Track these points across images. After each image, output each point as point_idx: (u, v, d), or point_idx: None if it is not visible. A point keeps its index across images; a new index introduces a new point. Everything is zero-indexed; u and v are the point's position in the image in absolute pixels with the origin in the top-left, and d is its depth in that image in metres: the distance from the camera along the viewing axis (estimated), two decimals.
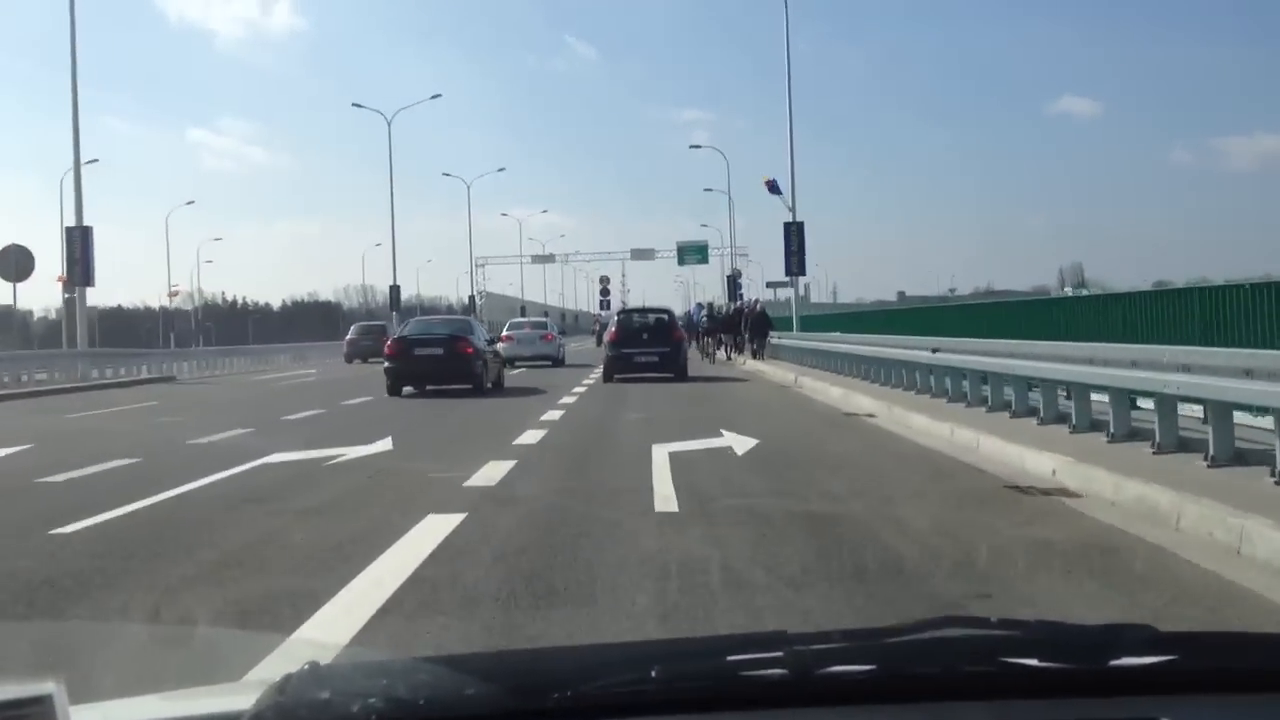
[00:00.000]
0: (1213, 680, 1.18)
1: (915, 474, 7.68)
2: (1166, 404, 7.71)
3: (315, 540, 5.51)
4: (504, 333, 28.82)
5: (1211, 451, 6.97)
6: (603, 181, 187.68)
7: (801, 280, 48.11)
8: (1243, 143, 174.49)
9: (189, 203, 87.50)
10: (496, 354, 20.54)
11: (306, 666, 1.23)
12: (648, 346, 20.89)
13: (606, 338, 22.91)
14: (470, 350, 18.25)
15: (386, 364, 18.46)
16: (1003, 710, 1.10)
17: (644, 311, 23.71)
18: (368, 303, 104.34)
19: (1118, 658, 1.18)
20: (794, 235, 31.72)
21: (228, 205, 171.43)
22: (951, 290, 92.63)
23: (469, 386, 17.90)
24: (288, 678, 1.20)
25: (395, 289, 50.63)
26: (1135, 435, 8.21)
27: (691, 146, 68.40)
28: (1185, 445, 7.58)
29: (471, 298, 70.12)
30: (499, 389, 18.98)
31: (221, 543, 5.50)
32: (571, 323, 66.03)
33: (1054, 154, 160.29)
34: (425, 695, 1.17)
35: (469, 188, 71.80)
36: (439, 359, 17.87)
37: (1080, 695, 1.14)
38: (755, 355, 27.91)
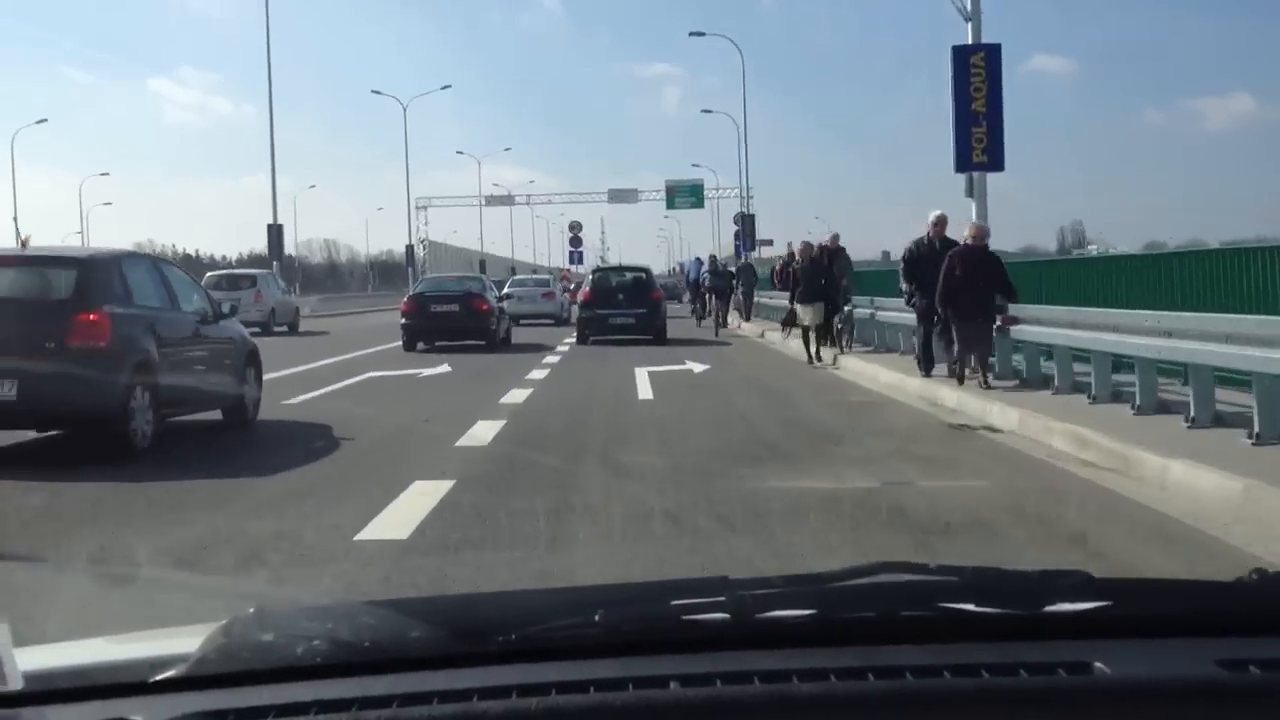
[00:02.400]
0: (1144, 625, 1.28)
1: None
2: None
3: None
4: (505, 290, 29.62)
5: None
6: (570, 137, 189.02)
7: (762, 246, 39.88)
8: (1216, 103, 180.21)
9: (40, 120, 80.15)
10: (504, 310, 21.92)
11: (252, 610, 1.31)
12: (624, 307, 20.94)
13: (580, 298, 22.77)
14: (486, 307, 19.95)
15: (403, 320, 19.72)
16: (939, 653, 1.17)
17: (620, 270, 24.02)
18: (332, 256, 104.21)
19: (1053, 603, 1.27)
20: (982, 79, 14.05)
21: (192, 158, 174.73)
22: None
23: (482, 342, 19.31)
24: (233, 621, 1.27)
25: (276, 230, 37.14)
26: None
27: (691, 34, 47.17)
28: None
29: (409, 248, 58.51)
30: (506, 344, 20.35)
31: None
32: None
33: (1027, 115, 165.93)
34: (369, 638, 1.24)
35: (405, 110, 58.39)
36: (455, 316, 19.44)
37: (1016, 639, 1.22)
38: (966, 370, 10.90)
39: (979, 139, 14.21)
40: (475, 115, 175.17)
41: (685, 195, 57.30)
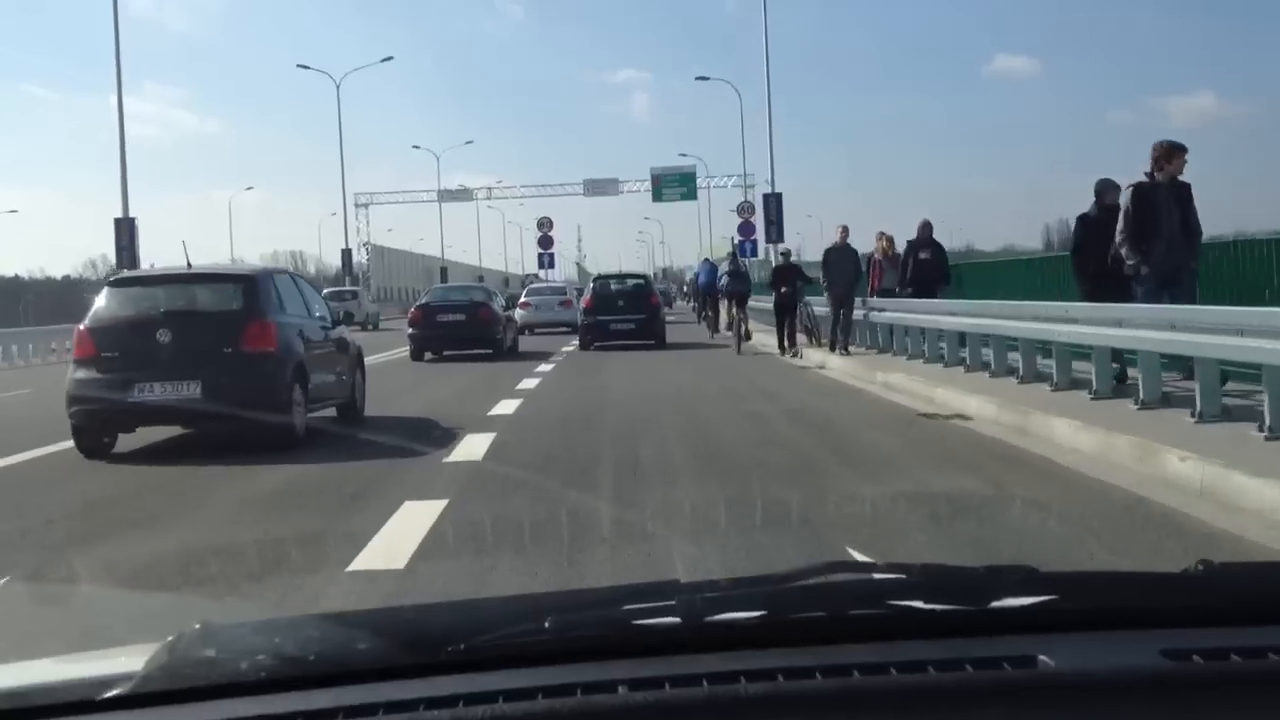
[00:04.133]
0: (1089, 618, 1.38)
1: None
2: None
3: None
4: (521, 299, 32.62)
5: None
6: (538, 141, 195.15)
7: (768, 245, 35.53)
8: (1181, 102, 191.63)
9: None
10: (511, 318, 24.39)
11: (197, 626, 1.39)
12: (624, 314, 23.39)
13: (582, 305, 25.15)
14: (492, 316, 21.90)
15: (411, 331, 21.61)
16: (887, 651, 1.26)
17: (621, 278, 26.64)
18: (298, 268, 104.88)
19: (999, 599, 1.38)
20: None
21: (155, 172, 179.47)
22: None
23: (489, 351, 21.13)
24: (178, 637, 1.35)
25: (126, 224, 32.37)
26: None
27: None
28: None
29: (345, 253, 54.73)
30: (514, 353, 22.22)
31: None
32: (501, 287, 49.91)
33: (995, 115, 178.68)
34: (314, 651, 1.32)
35: (338, 86, 54.51)
36: (462, 325, 21.39)
37: (964, 635, 1.32)
38: None
39: None
40: (439, 122, 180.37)
41: (674, 185, 54.10)
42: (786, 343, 19.21)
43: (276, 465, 8.31)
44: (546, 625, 1.32)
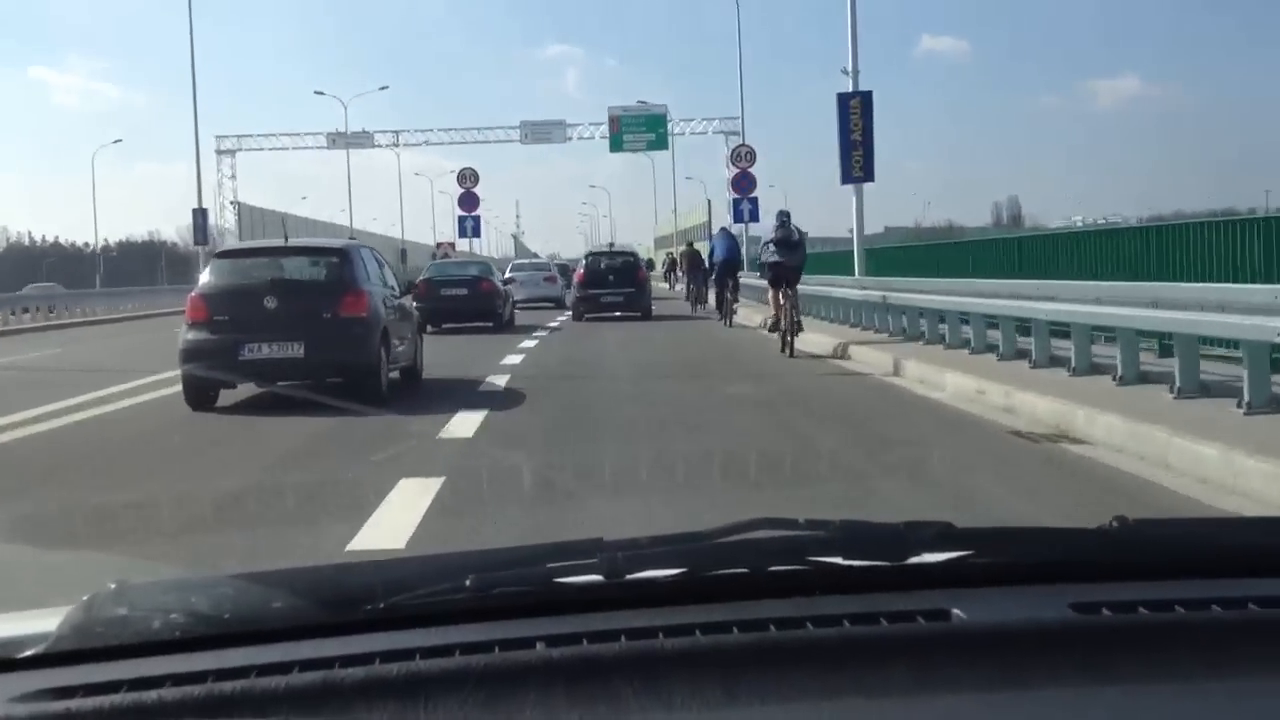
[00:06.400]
0: (1004, 572, 1.52)
1: None
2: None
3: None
4: (506, 274, 35.47)
5: (1034, 357, 12.43)
6: (467, 109, 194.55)
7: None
8: (1108, 84, 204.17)
9: None
10: (509, 293, 27.75)
11: (113, 585, 1.47)
12: (614, 288, 28.08)
13: (575, 279, 29.60)
14: (493, 289, 25.50)
15: (415, 304, 22.90)
16: (804, 606, 1.39)
17: (611, 254, 31.09)
18: (218, 242, 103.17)
19: (917, 554, 1.51)
20: None
21: (79, 143, 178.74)
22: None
23: (489, 324, 24.11)
24: (93, 597, 1.44)
25: None
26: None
27: None
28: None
29: (199, 213, 46.82)
30: (511, 325, 25.27)
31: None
32: (397, 258, 47.07)
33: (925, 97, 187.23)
34: (229, 609, 1.42)
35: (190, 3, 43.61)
36: (464, 299, 24.95)
37: (880, 590, 1.45)
38: None
39: None
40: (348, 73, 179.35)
41: (638, 129, 48.79)
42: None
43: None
44: (467, 583, 1.43)
